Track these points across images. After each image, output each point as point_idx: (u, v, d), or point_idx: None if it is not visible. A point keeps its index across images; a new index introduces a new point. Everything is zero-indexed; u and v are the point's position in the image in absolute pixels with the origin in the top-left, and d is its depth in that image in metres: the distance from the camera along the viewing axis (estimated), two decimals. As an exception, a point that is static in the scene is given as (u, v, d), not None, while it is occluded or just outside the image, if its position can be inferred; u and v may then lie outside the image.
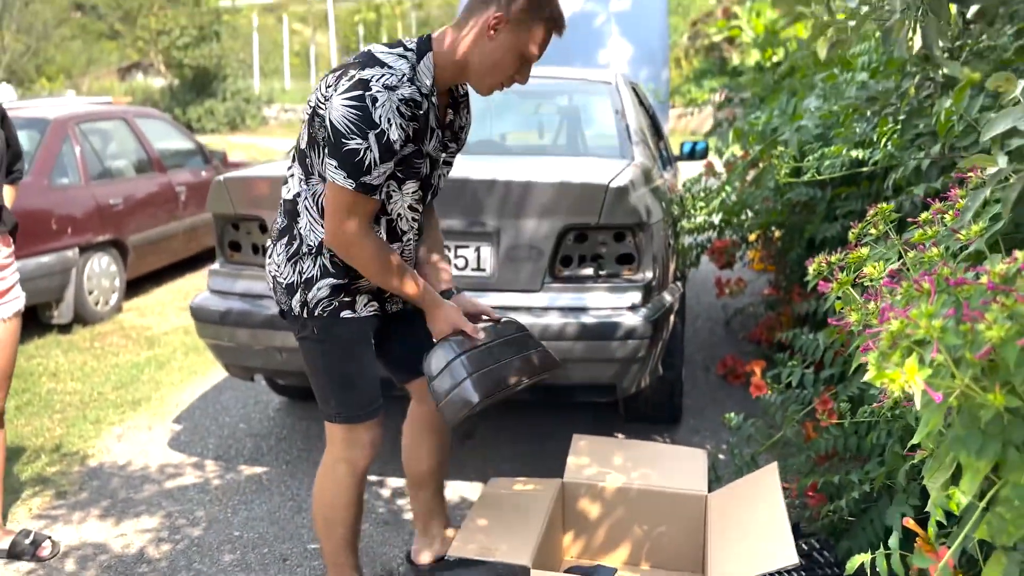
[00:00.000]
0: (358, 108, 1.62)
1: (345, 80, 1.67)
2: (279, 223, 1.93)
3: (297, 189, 1.86)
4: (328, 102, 1.68)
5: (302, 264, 1.87)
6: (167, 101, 19.40)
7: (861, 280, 1.66)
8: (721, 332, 4.74)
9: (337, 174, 1.67)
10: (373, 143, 1.64)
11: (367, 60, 1.70)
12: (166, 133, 6.77)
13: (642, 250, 2.68)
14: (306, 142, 1.80)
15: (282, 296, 1.92)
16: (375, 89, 1.63)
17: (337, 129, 1.64)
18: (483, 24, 1.72)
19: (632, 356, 2.58)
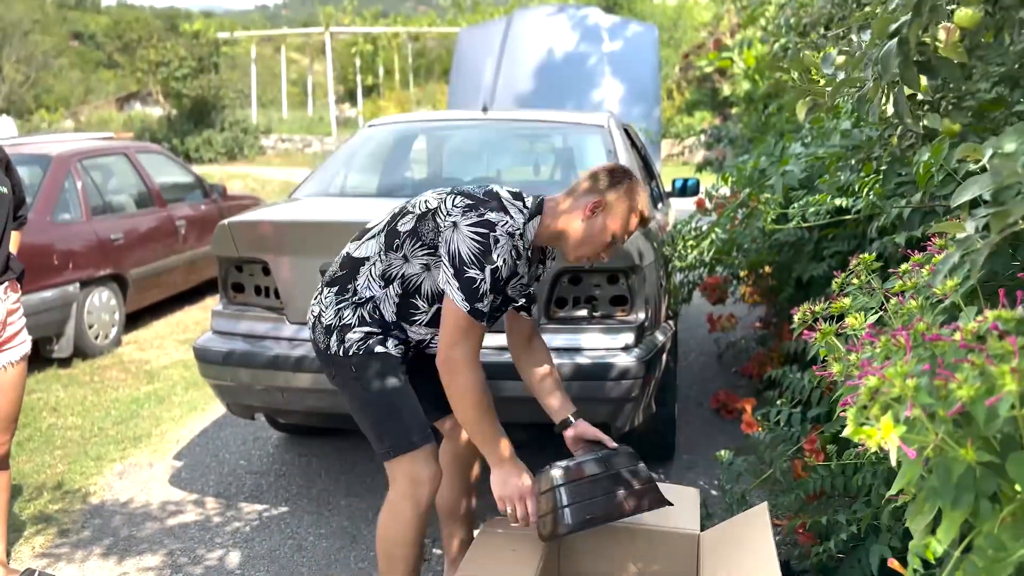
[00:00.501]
0: (482, 245, 1.89)
1: (474, 214, 1.92)
2: (336, 271, 2.13)
3: (369, 253, 2.07)
4: (455, 226, 1.92)
5: (343, 312, 2.06)
6: (165, 131, 19.55)
7: (844, 330, 1.74)
8: (714, 366, 4.81)
9: (456, 295, 1.89)
10: (488, 276, 1.89)
11: (496, 204, 1.95)
12: (166, 167, 6.87)
13: (635, 292, 2.76)
14: (408, 229, 2.02)
15: (320, 335, 2.09)
16: (499, 232, 1.90)
17: (462, 257, 1.89)
18: (584, 205, 1.99)
19: (626, 396, 2.65)
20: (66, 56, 36.28)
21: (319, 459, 3.58)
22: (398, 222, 2.06)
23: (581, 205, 2.00)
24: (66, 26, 46.75)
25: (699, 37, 20.38)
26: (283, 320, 2.88)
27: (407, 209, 2.08)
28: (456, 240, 1.91)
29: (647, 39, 6.20)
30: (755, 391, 4.25)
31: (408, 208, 2.08)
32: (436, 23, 23.99)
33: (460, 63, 6.57)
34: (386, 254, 2.05)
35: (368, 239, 2.12)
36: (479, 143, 4.10)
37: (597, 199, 1.99)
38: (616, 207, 2.01)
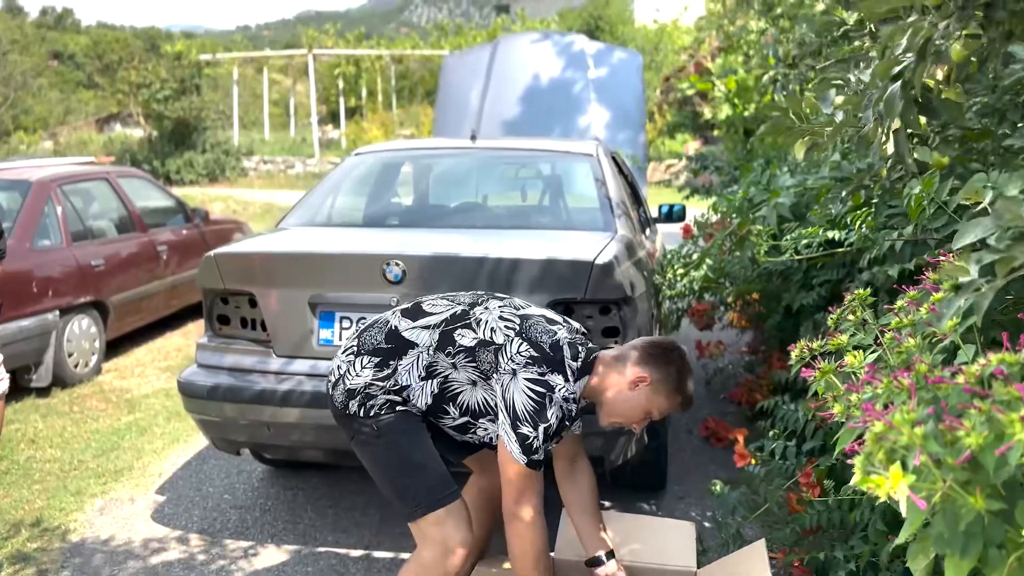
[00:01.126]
0: (538, 404, 1.91)
1: (536, 370, 1.93)
2: (379, 343, 2.07)
3: (421, 341, 2.05)
4: (514, 374, 1.94)
5: (374, 389, 2.03)
6: (146, 152, 19.42)
7: (843, 369, 1.72)
8: (702, 392, 4.79)
9: (514, 447, 1.92)
10: (540, 433, 1.92)
11: (557, 364, 1.96)
12: (148, 192, 6.80)
13: (627, 323, 2.74)
14: (465, 346, 2.02)
15: (340, 395, 2.06)
16: (556, 395, 1.92)
17: (516, 412, 1.92)
18: (629, 376, 2.01)
19: (619, 429, 2.62)
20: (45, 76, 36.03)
21: (305, 493, 3.52)
22: (456, 330, 2.05)
23: (627, 377, 2.01)
24: (45, 46, 46.49)
25: (680, 60, 20.61)
26: (270, 353, 2.83)
27: (469, 321, 2.06)
28: (513, 390, 1.93)
29: (632, 66, 6.24)
30: (744, 418, 4.24)
31: (471, 322, 2.06)
32: (419, 46, 24.08)
33: (446, 88, 6.58)
34: (436, 352, 2.04)
35: (421, 326, 2.08)
36: (468, 172, 4.09)
37: (643, 375, 2.00)
38: (660, 387, 2.02)
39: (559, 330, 2.04)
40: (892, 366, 1.68)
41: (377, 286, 2.65)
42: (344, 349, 2.12)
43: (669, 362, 2.03)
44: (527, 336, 2.00)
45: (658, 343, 2.08)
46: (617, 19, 25.16)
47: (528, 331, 2.01)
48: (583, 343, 2.08)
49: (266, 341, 2.86)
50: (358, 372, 2.04)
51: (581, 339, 2.09)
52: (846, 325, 1.92)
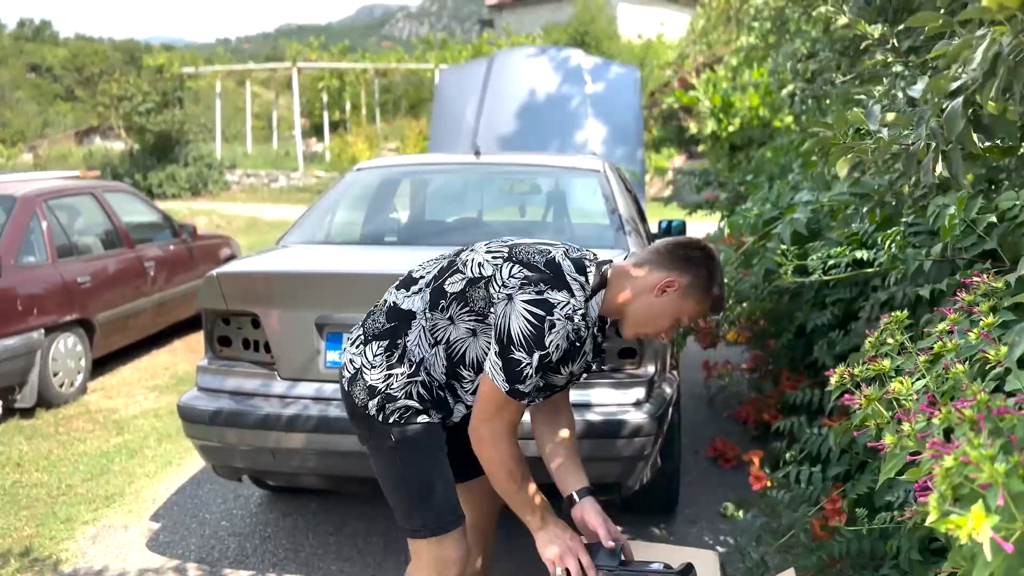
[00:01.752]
0: (536, 328, 1.71)
1: (533, 290, 1.74)
2: (380, 323, 1.93)
3: (416, 307, 1.90)
4: (509, 299, 1.76)
5: (394, 380, 1.88)
6: (127, 166, 19.18)
7: (889, 396, 1.66)
8: (705, 410, 4.73)
9: (497, 375, 1.75)
10: (535, 361, 1.72)
11: (557, 280, 1.77)
12: (135, 207, 6.66)
13: (644, 344, 2.67)
14: (456, 291, 1.85)
15: (360, 392, 1.90)
16: (556, 316, 1.70)
17: (511, 336, 1.73)
18: (655, 282, 1.80)
19: (638, 454, 2.55)
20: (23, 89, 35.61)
21: (305, 519, 3.41)
22: (446, 280, 1.89)
23: (653, 283, 1.80)
24: (23, 58, 46.05)
25: (665, 76, 20.72)
26: (274, 376, 2.73)
27: (457, 267, 1.90)
28: (509, 315, 1.74)
29: (628, 80, 6.21)
30: (750, 438, 4.18)
31: (459, 266, 1.90)
32: (404, 59, 24.01)
33: (441, 103, 6.51)
34: (431, 312, 1.88)
35: (414, 292, 1.93)
36: (473, 188, 4.01)
37: (671, 279, 1.79)
38: (690, 291, 1.81)
39: (554, 249, 1.87)
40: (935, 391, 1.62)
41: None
42: (352, 340, 1.97)
43: (698, 263, 1.81)
44: (518, 259, 1.83)
45: (682, 243, 1.87)
46: (602, 34, 25.27)
47: (518, 254, 1.84)
48: (591, 258, 1.88)
49: (270, 363, 2.76)
50: (372, 363, 1.89)
51: (589, 255, 1.90)
52: (886, 349, 1.86)
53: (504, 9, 34.60)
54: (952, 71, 1.36)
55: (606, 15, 26.69)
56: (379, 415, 1.87)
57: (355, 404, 1.91)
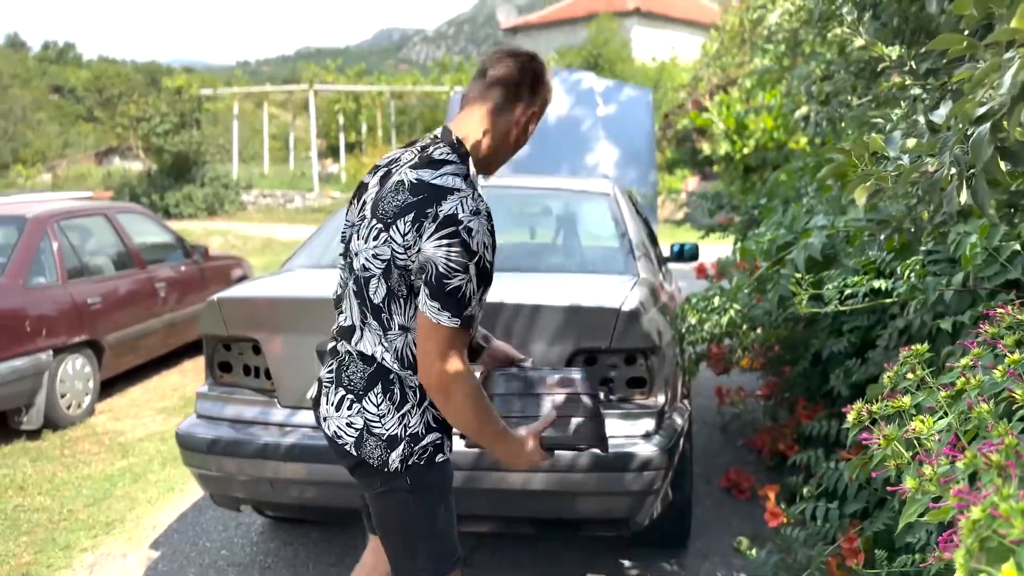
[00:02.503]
0: (458, 246, 1.58)
1: (429, 223, 1.60)
2: (360, 373, 1.74)
3: (375, 348, 1.73)
4: (416, 251, 1.62)
5: (410, 418, 1.73)
6: (145, 186, 19.35)
7: (909, 435, 1.57)
8: (719, 438, 4.63)
9: (442, 315, 1.60)
10: (473, 274, 1.60)
11: (432, 191, 1.63)
12: (147, 228, 6.67)
13: (654, 373, 2.59)
14: (382, 297, 1.69)
15: (376, 449, 1.71)
16: (465, 220, 1.59)
17: (440, 273, 1.59)
18: (515, 119, 1.75)
19: (647, 488, 2.46)
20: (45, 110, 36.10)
21: (306, 548, 3.33)
22: (367, 293, 1.71)
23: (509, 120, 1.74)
24: (46, 80, 46.77)
25: (679, 98, 20.73)
26: (274, 403, 2.67)
27: (359, 275, 1.72)
28: (428, 258, 1.60)
29: (641, 103, 6.16)
30: (765, 468, 4.07)
31: (359, 272, 1.72)
32: (420, 81, 24.16)
33: (452, 125, 6.44)
34: (386, 336, 1.71)
35: (362, 331, 1.75)
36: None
37: (532, 110, 1.76)
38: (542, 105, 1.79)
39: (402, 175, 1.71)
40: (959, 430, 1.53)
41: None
42: (336, 404, 1.76)
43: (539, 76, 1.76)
44: (391, 215, 1.66)
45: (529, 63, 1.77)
46: (616, 57, 25.34)
47: (386, 212, 1.67)
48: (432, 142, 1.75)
49: (270, 390, 2.70)
50: (380, 413, 1.71)
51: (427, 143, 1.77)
52: (906, 384, 1.77)
53: (519, 32, 34.85)
54: (979, 96, 1.29)
55: (620, 38, 26.78)
56: (401, 465, 1.71)
57: (369, 464, 1.74)
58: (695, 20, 30.87)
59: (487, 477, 2.44)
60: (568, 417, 1.86)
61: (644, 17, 31.61)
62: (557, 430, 1.84)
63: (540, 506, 2.52)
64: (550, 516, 2.61)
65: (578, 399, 1.88)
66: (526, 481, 2.42)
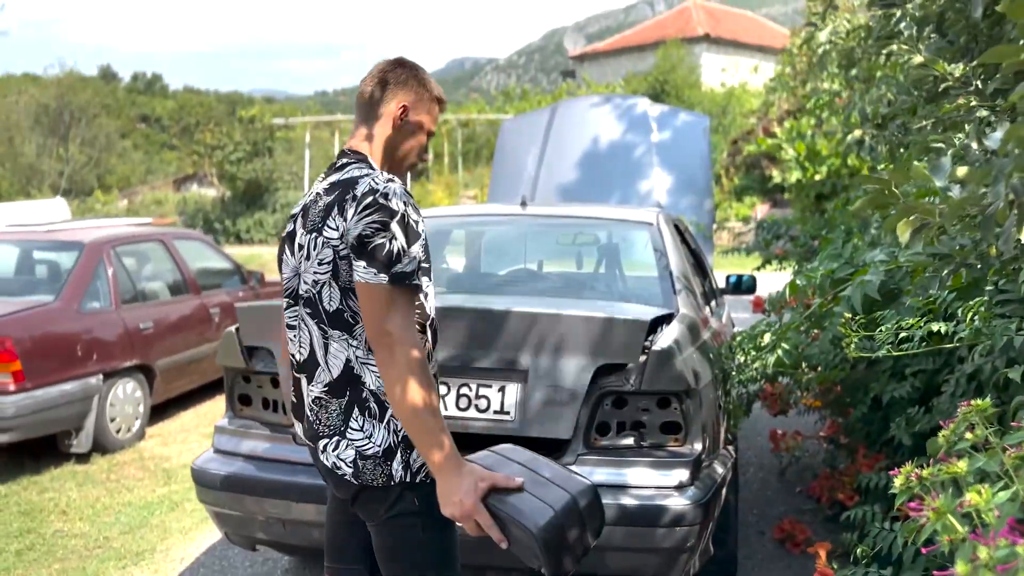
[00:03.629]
0: (375, 208, 1.60)
1: (350, 205, 1.63)
2: (333, 412, 1.67)
3: (345, 355, 1.67)
4: (347, 234, 1.63)
5: (395, 422, 1.65)
6: (218, 212, 19.94)
7: (965, 508, 1.36)
8: (775, 484, 4.34)
9: (367, 274, 1.59)
10: (397, 230, 1.60)
11: (345, 183, 1.68)
12: (204, 254, 6.77)
13: (689, 418, 2.40)
14: (339, 299, 1.67)
15: (375, 468, 1.63)
16: (381, 186, 1.63)
17: (362, 235, 1.60)
18: (390, 117, 1.78)
19: (680, 546, 2.26)
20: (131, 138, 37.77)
21: (332, 588, 3.21)
22: (323, 306, 1.68)
23: (387, 120, 1.78)
24: (135, 109, 49.05)
25: (748, 124, 20.33)
26: (290, 440, 2.57)
27: (310, 293, 1.69)
28: (353, 237, 1.60)
29: (698, 129, 5.95)
30: (825, 519, 3.79)
31: (308, 291, 1.69)
32: (485, 110, 24.39)
33: (503, 153, 6.40)
34: (352, 337, 1.66)
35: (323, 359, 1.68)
36: (517, 239, 3.83)
37: (403, 104, 1.78)
38: (418, 101, 1.80)
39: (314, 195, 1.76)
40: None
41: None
42: (322, 448, 1.68)
43: (403, 77, 1.79)
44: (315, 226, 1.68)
45: (376, 72, 1.81)
46: (683, 83, 25.06)
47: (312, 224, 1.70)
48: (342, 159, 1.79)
49: (288, 426, 2.61)
50: (366, 433, 1.64)
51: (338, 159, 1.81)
52: (962, 445, 1.55)
53: (586, 60, 34.88)
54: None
55: (687, 64, 26.50)
56: (405, 475, 1.63)
57: (364, 486, 1.65)
58: (765, 45, 30.37)
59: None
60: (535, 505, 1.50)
61: (713, 43, 31.25)
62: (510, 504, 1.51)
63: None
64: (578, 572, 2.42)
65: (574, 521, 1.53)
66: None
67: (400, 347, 1.55)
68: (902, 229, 1.37)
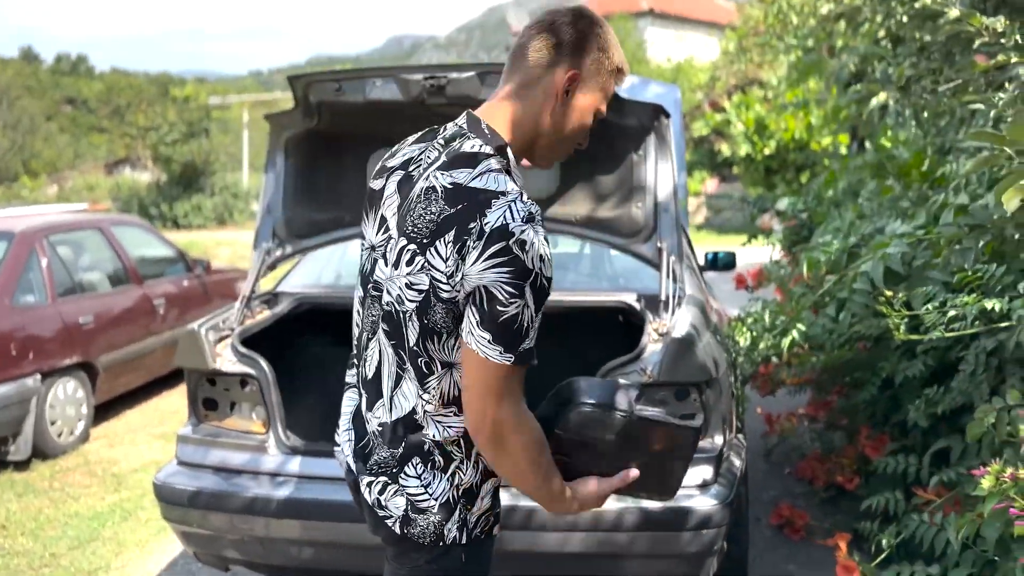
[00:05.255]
0: (510, 265, 1.24)
1: (473, 241, 1.25)
2: (390, 453, 1.41)
3: (412, 402, 1.38)
4: (461, 278, 1.27)
5: (460, 475, 1.40)
6: (153, 196, 19.13)
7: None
8: (762, 467, 4.21)
9: (492, 349, 1.26)
10: (529, 296, 1.26)
11: (473, 198, 1.28)
12: (145, 241, 6.34)
13: (710, 409, 2.20)
14: (416, 337, 1.34)
15: (428, 525, 1.38)
16: (517, 231, 1.24)
17: (491, 294, 1.25)
18: (552, 88, 1.38)
19: (707, 549, 2.07)
20: (57, 121, 36.08)
21: (310, 603, 2.95)
22: (406, 333, 1.35)
23: (546, 91, 1.38)
24: (59, 91, 46.86)
25: (695, 99, 20.29)
26: (265, 449, 2.30)
27: (394, 309, 1.36)
28: (476, 281, 1.25)
29: (669, 101, 5.72)
30: (818, 500, 3.67)
31: (392, 307, 1.36)
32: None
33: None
34: (424, 386, 1.36)
35: (389, 379, 1.40)
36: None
37: (570, 72, 1.37)
38: (595, 74, 1.39)
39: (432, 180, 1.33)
40: None
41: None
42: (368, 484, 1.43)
43: (586, 34, 1.38)
44: (427, 234, 1.30)
45: (546, 22, 1.40)
46: (631, 58, 24.90)
47: (418, 229, 1.31)
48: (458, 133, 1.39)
49: (261, 433, 2.33)
50: (424, 481, 1.39)
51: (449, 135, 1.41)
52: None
53: (531, 36, 34.39)
54: None
55: (634, 39, 26.36)
56: (460, 535, 1.39)
57: (418, 543, 1.40)
58: (711, 20, 30.44)
59: (516, 537, 2.06)
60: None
61: (658, 18, 31.17)
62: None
63: (581, 570, 2.14)
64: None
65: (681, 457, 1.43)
66: (563, 542, 2.04)
67: (515, 436, 1.31)
68: (1009, 195, 1.17)
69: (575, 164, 2.59)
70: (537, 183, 2.61)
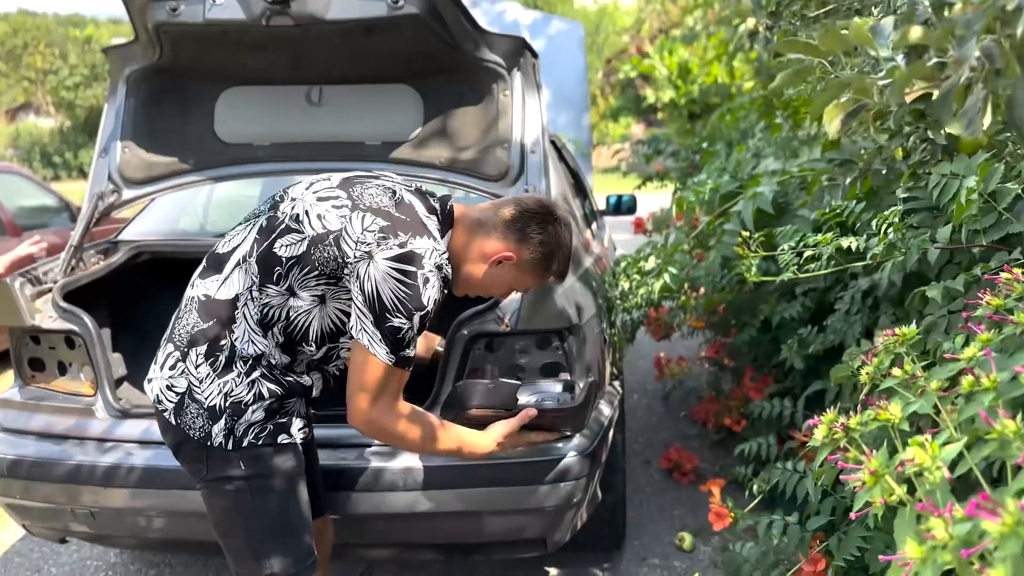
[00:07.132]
0: (408, 287, 1.50)
1: (395, 243, 1.51)
2: (193, 325, 1.60)
3: (239, 289, 1.58)
4: (369, 257, 1.51)
5: (234, 384, 1.58)
6: (57, 144, 18.11)
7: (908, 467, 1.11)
8: (659, 409, 4.19)
9: (378, 347, 1.52)
10: (416, 322, 1.52)
11: (414, 225, 1.55)
12: (23, 190, 5.91)
13: (572, 358, 2.10)
14: (296, 255, 1.55)
15: (196, 419, 1.57)
16: (427, 268, 1.51)
17: (383, 303, 1.50)
18: (490, 252, 1.65)
19: (566, 503, 1.98)
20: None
21: (172, 571, 2.79)
22: (275, 243, 1.56)
23: (487, 251, 1.64)
24: (-45, 33, 43.75)
25: (621, 42, 20.09)
26: (92, 412, 2.11)
27: (285, 223, 1.57)
28: (375, 278, 1.49)
29: (572, 38, 5.55)
30: (710, 443, 3.66)
31: (287, 222, 1.57)
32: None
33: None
34: (261, 288, 1.56)
35: (231, 270, 1.60)
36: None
37: (507, 253, 1.64)
38: (527, 267, 1.67)
39: (395, 186, 1.64)
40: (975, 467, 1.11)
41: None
42: (161, 363, 1.62)
43: (539, 242, 1.65)
44: (366, 206, 1.56)
45: (529, 213, 1.66)
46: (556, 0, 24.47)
47: (363, 200, 1.58)
48: (429, 193, 1.69)
49: (88, 395, 2.14)
50: (199, 376, 1.57)
51: (424, 189, 1.71)
52: (890, 383, 1.31)
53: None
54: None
55: (560, -21, 25.87)
56: (228, 441, 1.57)
57: (187, 438, 1.59)
58: (636, -38, 30.05)
59: (362, 499, 1.94)
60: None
61: (584, -41, 30.61)
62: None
63: (441, 530, 2.04)
64: (455, 541, 2.13)
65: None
66: (414, 503, 1.93)
67: (391, 428, 1.60)
68: (830, 114, 1.05)
69: (438, 104, 2.44)
70: (399, 125, 2.44)
